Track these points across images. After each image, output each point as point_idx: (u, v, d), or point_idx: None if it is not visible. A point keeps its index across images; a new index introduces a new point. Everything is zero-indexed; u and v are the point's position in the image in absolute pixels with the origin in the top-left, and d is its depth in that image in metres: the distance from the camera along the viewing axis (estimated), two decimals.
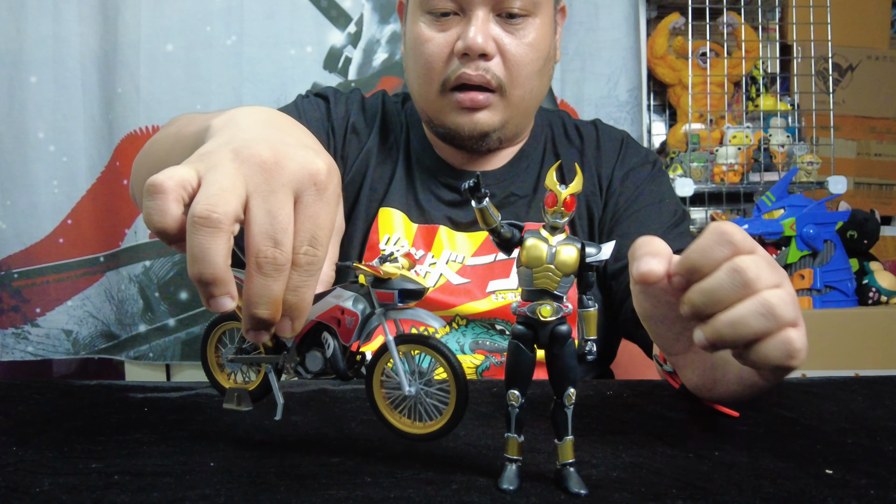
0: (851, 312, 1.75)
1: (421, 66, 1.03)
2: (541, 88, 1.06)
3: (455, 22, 1.00)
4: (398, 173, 1.10)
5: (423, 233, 1.06)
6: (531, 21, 1.00)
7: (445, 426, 0.49)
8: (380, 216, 1.07)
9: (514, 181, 1.10)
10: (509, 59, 1.00)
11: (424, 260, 1.05)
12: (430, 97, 1.04)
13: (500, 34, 0.99)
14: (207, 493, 0.46)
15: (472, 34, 0.97)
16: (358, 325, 0.51)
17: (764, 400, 0.72)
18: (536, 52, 1.01)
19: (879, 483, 0.48)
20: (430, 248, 1.05)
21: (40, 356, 2.00)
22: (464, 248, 1.05)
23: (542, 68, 1.04)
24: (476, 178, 0.47)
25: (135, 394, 0.76)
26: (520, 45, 1.00)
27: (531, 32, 1.00)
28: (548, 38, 1.03)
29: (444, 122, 1.05)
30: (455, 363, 0.49)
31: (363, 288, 0.51)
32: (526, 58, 1.00)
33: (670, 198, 1.13)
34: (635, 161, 1.13)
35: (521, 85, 1.02)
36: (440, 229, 1.06)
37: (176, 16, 1.93)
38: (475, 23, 0.97)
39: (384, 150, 1.12)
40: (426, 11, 1.01)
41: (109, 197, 1.96)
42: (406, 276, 0.50)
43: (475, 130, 1.03)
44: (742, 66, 2.17)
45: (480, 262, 1.04)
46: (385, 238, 1.05)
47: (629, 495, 0.46)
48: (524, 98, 1.03)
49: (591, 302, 0.49)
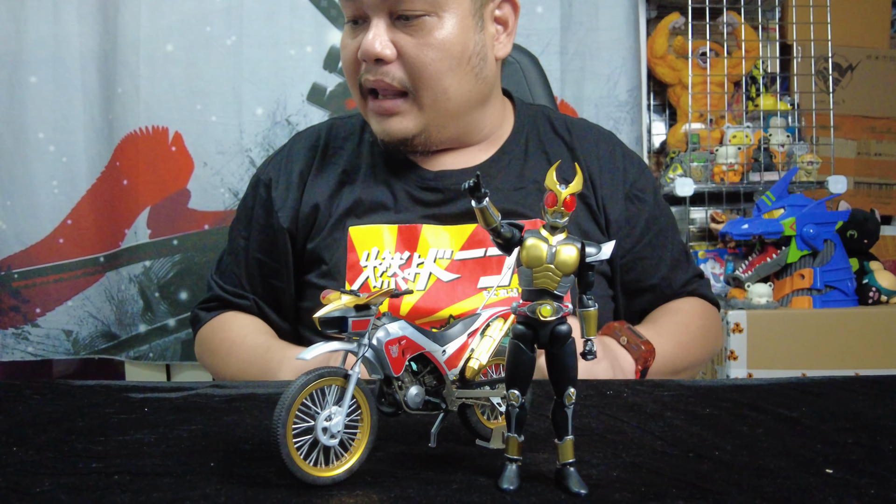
0: (851, 312, 1.75)
1: (345, 71, 1.07)
2: (460, 87, 1.03)
3: (362, 29, 1.01)
4: (364, 188, 1.09)
5: (406, 234, 1.05)
6: (432, 21, 0.98)
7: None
8: (352, 235, 1.06)
9: (495, 178, 1.09)
10: (408, 61, 0.99)
11: (411, 261, 1.04)
12: (357, 99, 1.08)
13: (398, 37, 0.99)
14: (207, 493, 0.46)
15: (368, 40, 0.98)
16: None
17: (764, 400, 0.72)
18: (440, 51, 0.99)
19: (879, 483, 0.48)
20: (414, 248, 1.04)
21: (40, 356, 2.00)
22: (450, 242, 1.05)
23: (455, 67, 1.01)
24: (476, 177, 0.47)
25: (135, 394, 0.76)
26: (418, 45, 0.99)
27: (433, 31, 0.99)
28: (461, 35, 1.00)
29: (372, 127, 1.07)
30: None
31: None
32: (426, 58, 0.99)
33: (666, 212, 1.18)
34: (636, 172, 1.15)
35: (428, 86, 1.00)
36: (422, 228, 1.05)
37: (176, 16, 1.93)
38: (372, 29, 0.98)
39: (337, 177, 1.12)
40: (347, 19, 1.04)
41: (109, 197, 1.96)
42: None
43: (390, 137, 1.04)
44: (742, 66, 2.17)
45: (470, 255, 1.03)
46: (364, 254, 1.05)
47: (629, 495, 0.46)
48: (438, 99, 1.02)
49: (591, 302, 0.49)
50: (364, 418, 0.49)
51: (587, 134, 1.17)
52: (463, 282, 1.02)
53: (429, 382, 0.53)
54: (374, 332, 0.49)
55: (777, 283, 1.81)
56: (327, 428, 0.47)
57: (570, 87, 2.05)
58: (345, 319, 0.48)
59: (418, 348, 0.51)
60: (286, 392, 0.46)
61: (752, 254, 1.85)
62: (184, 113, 1.93)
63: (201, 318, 1.19)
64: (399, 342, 0.50)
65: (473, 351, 0.54)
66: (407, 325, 0.51)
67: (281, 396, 0.45)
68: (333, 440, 0.47)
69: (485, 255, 1.03)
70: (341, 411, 0.47)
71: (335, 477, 0.47)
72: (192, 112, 1.93)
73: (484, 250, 1.03)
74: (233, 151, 1.95)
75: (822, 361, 1.64)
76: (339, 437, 0.47)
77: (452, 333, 0.54)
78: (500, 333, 0.55)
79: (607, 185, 1.11)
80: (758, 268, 1.81)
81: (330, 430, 0.47)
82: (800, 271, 1.78)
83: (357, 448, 0.48)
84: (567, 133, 1.15)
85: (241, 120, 1.94)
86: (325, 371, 0.47)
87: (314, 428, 0.46)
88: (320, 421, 0.46)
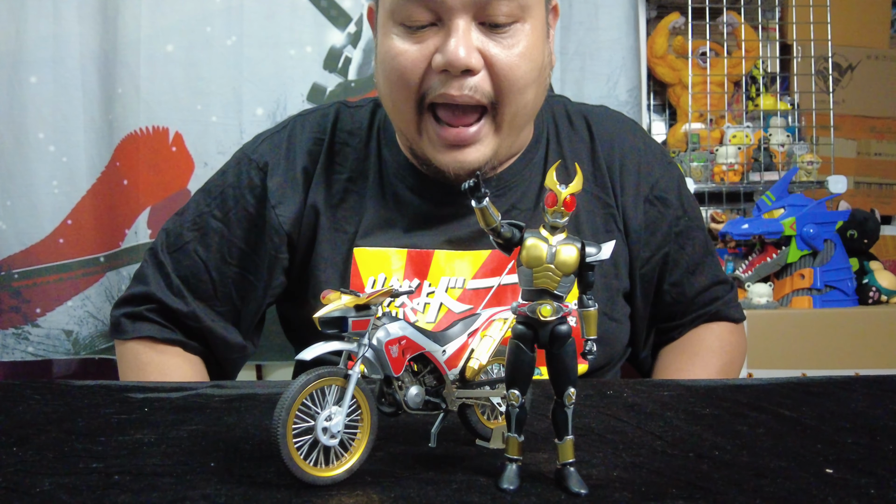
0: (851, 312, 1.75)
1: (395, 84, 0.90)
2: (536, 101, 0.94)
3: (432, 33, 0.86)
4: (371, 202, 0.99)
5: (416, 260, 0.96)
6: (520, 27, 0.87)
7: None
8: (357, 258, 0.96)
9: (515, 191, 1.00)
10: (499, 73, 0.86)
11: (421, 290, 0.95)
12: (406, 119, 0.91)
13: (485, 44, 0.86)
14: (207, 493, 0.46)
15: (453, 47, 0.83)
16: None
17: (764, 400, 0.72)
18: (529, 61, 0.88)
19: (879, 483, 0.48)
20: (425, 276, 0.95)
21: (40, 356, 2.00)
22: (464, 270, 0.96)
23: (538, 79, 0.91)
24: (476, 177, 0.47)
25: (135, 394, 0.76)
26: (509, 55, 0.86)
27: (522, 40, 0.87)
28: (540, 45, 0.91)
29: (425, 154, 0.93)
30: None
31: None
32: (518, 70, 0.87)
33: (692, 210, 1.09)
34: (659, 170, 1.06)
35: (514, 101, 0.89)
36: (435, 254, 0.96)
37: (176, 16, 1.93)
38: (456, 34, 0.84)
39: (343, 183, 1.01)
40: (399, 23, 0.87)
41: (109, 197, 1.96)
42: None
43: (462, 169, 0.91)
44: (742, 66, 2.17)
45: (483, 284, 0.95)
46: (370, 281, 0.95)
47: (629, 495, 0.46)
48: (517, 115, 0.91)
49: (592, 302, 0.49)
50: (364, 418, 0.49)
51: (608, 129, 1.06)
52: None
53: (429, 382, 0.53)
54: (374, 332, 0.49)
55: (777, 283, 1.81)
56: (327, 428, 0.47)
57: (569, 87, 2.05)
58: (345, 319, 0.48)
59: (418, 348, 0.51)
60: (286, 392, 0.46)
61: (752, 254, 1.85)
62: (184, 113, 1.93)
63: (127, 329, 1.03)
64: (399, 342, 0.50)
65: (473, 351, 0.54)
66: (407, 325, 0.51)
67: (281, 396, 0.45)
68: (333, 440, 0.47)
69: (498, 285, 0.95)
70: (341, 411, 0.47)
71: (335, 477, 0.47)
72: (193, 112, 1.93)
73: (498, 280, 0.94)
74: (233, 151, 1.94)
75: (822, 361, 1.63)
76: (339, 437, 0.47)
77: (452, 333, 0.54)
78: (500, 333, 0.55)
79: (630, 189, 1.03)
80: (758, 268, 1.81)
81: (330, 430, 0.47)
82: (800, 271, 1.78)
83: (357, 448, 0.48)
84: (586, 129, 1.05)
85: (242, 120, 1.94)
86: (325, 371, 0.47)
87: (314, 428, 0.46)
88: (320, 421, 0.46)
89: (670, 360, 1.09)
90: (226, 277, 1.02)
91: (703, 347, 1.08)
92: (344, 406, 0.47)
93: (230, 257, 1.02)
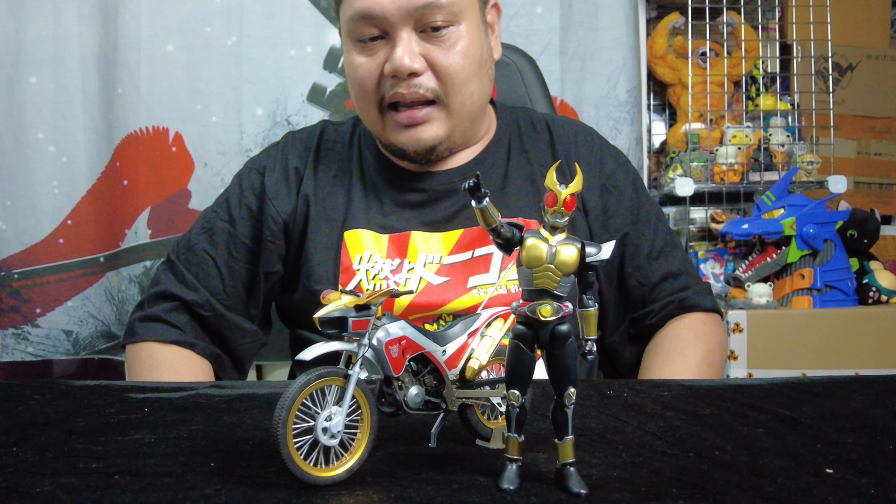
0: (851, 312, 1.74)
1: (357, 91, 1.07)
2: (481, 90, 1.08)
3: (382, 45, 1.03)
4: (355, 194, 1.12)
5: (396, 242, 1.08)
6: (455, 30, 1.02)
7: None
8: (346, 239, 1.09)
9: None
10: (440, 71, 1.03)
11: (402, 267, 1.06)
12: (371, 118, 1.09)
13: (427, 49, 1.02)
14: (207, 493, 0.46)
15: (399, 55, 1.00)
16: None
17: (764, 400, 0.72)
18: (467, 58, 1.03)
19: (879, 482, 0.48)
20: (404, 255, 1.07)
21: (40, 356, 2.00)
22: (439, 248, 1.07)
23: (478, 71, 1.06)
24: (476, 177, 0.47)
25: (135, 394, 0.76)
26: (448, 55, 1.02)
27: (459, 41, 1.03)
28: (478, 42, 1.06)
29: (390, 140, 1.08)
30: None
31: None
32: (457, 66, 1.03)
33: (650, 204, 1.18)
34: (613, 165, 1.17)
35: (458, 92, 1.04)
36: (412, 235, 1.08)
37: (176, 16, 1.93)
38: (400, 44, 1.00)
39: (330, 180, 1.14)
40: (355, 39, 1.04)
41: (109, 197, 1.96)
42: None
43: (419, 146, 1.06)
44: (742, 66, 2.17)
45: (458, 259, 1.06)
46: (357, 258, 1.07)
47: (629, 495, 0.46)
48: (464, 104, 1.06)
49: (591, 301, 0.49)
50: (364, 418, 0.49)
51: (567, 130, 1.20)
52: (453, 283, 1.04)
53: (429, 382, 0.53)
54: (374, 332, 0.49)
55: (777, 282, 1.81)
56: (327, 428, 0.47)
57: (569, 87, 2.05)
58: (345, 319, 0.48)
59: (418, 348, 0.51)
60: (286, 392, 0.46)
61: (752, 254, 1.85)
62: (184, 113, 1.93)
63: (139, 332, 1.10)
64: (399, 342, 0.50)
65: (473, 351, 0.54)
66: (407, 325, 0.51)
67: (281, 396, 0.46)
68: (333, 440, 0.47)
69: (472, 256, 1.06)
70: (341, 411, 0.47)
71: (335, 477, 0.47)
72: (193, 112, 1.93)
73: (471, 252, 1.06)
74: (233, 152, 1.94)
75: (822, 361, 1.63)
76: (339, 437, 0.47)
77: (452, 333, 0.54)
78: (500, 333, 0.55)
79: (584, 175, 1.11)
80: (758, 268, 1.81)
81: (330, 430, 0.47)
82: (800, 271, 1.78)
83: (357, 448, 0.48)
84: (547, 131, 1.18)
85: (242, 120, 1.94)
86: (325, 371, 0.47)
87: (314, 428, 0.46)
88: (320, 421, 0.46)
89: (651, 359, 1.12)
90: (233, 271, 1.13)
91: (680, 341, 1.11)
92: (344, 406, 0.47)
93: (236, 252, 1.13)
